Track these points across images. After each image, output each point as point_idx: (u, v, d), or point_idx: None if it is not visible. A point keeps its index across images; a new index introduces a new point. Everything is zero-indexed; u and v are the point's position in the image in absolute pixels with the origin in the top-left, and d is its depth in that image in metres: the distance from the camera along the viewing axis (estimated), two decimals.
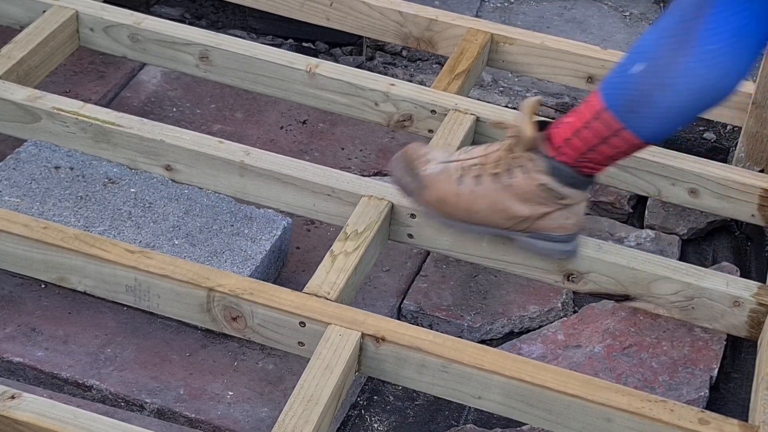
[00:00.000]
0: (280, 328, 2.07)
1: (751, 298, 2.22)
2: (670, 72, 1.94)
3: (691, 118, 2.03)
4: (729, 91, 1.97)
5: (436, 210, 2.19)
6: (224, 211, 2.36)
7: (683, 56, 1.92)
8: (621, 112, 2.00)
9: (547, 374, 2.00)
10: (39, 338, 2.20)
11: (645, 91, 1.97)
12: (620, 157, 2.09)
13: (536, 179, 2.12)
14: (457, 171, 2.17)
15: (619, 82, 2.02)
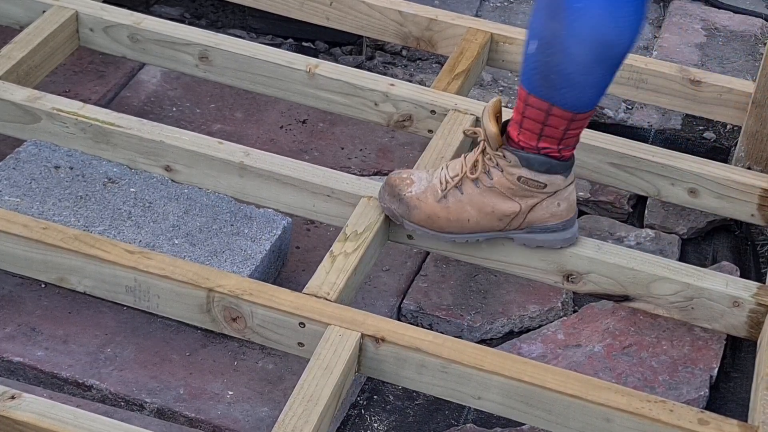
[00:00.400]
0: (279, 328, 2.07)
1: (750, 298, 2.22)
2: (555, 40, 2.01)
3: (602, 75, 2.05)
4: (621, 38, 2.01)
5: (428, 228, 2.22)
6: (224, 210, 2.36)
7: (560, 22, 1.99)
8: (540, 91, 2.07)
9: (546, 374, 2.00)
10: (39, 338, 2.20)
11: (548, 65, 2.04)
12: (574, 133, 2.13)
13: (513, 173, 2.16)
14: (441, 185, 2.21)
15: (527, 65, 2.08)
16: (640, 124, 3.01)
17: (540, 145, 2.13)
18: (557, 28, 2.01)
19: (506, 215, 2.20)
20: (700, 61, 3.20)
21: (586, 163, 2.52)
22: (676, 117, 3.04)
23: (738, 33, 3.36)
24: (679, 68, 2.76)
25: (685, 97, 2.75)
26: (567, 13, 1.99)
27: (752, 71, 3.16)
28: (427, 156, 2.42)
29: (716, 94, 2.73)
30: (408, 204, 2.21)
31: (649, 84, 2.75)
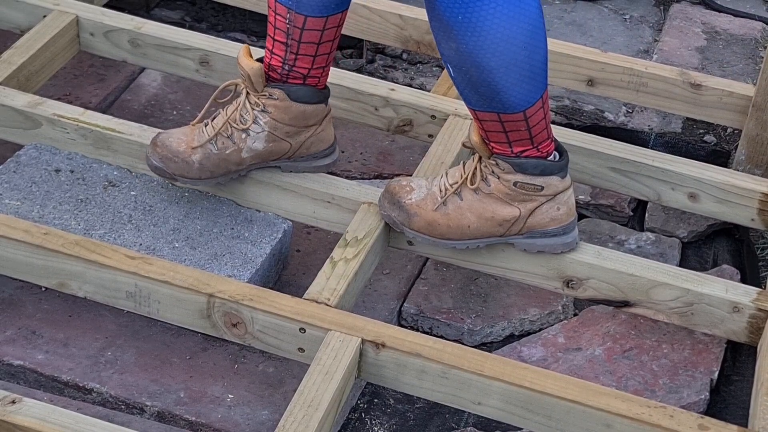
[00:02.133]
0: (280, 334, 2.07)
1: (750, 303, 2.22)
2: (461, 57, 2.03)
3: (524, 65, 2.04)
4: (518, 26, 1.99)
5: (428, 235, 2.23)
6: (224, 214, 2.36)
7: (454, 40, 2.02)
8: (482, 105, 2.09)
9: (547, 380, 2.00)
10: (39, 341, 2.20)
11: (471, 81, 2.06)
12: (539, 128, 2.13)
13: (509, 179, 2.17)
14: (441, 192, 2.22)
15: (458, 87, 2.11)
16: (641, 127, 3.01)
17: (516, 151, 2.15)
18: (457, 47, 2.02)
19: (506, 220, 2.20)
20: (701, 65, 3.20)
21: (586, 167, 2.52)
22: (676, 120, 3.04)
23: (738, 36, 3.36)
24: (680, 72, 2.76)
25: (686, 101, 2.75)
26: (455, 30, 2.00)
27: (753, 74, 3.16)
28: (428, 161, 2.42)
29: (717, 97, 2.73)
30: (408, 211, 2.22)
31: (649, 87, 2.76)
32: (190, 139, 2.28)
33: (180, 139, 2.28)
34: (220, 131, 2.27)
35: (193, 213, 2.36)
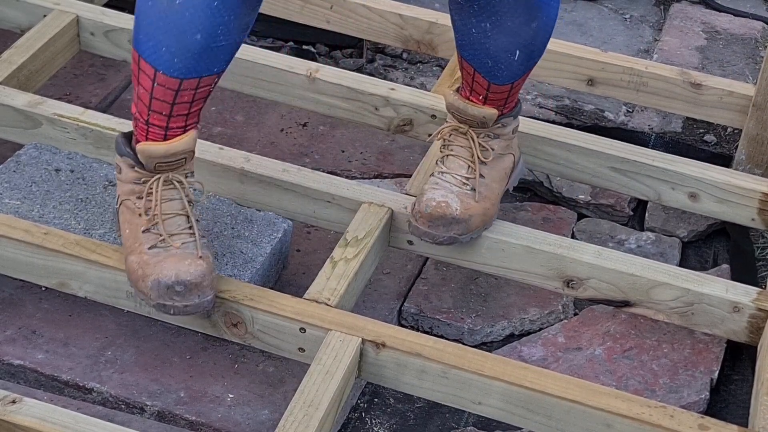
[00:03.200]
0: (280, 334, 2.07)
1: (750, 303, 2.22)
2: (545, 26, 2.15)
3: None
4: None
5: (484, 227, 2.29)
6: (224, 213, 2.36)
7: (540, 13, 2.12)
8: (519, 75, 2.21)
9: (547, 380, 2.00)
10: (39, 341, 2.20)
11: (536, 53, 2.18)
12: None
13: (507, 131, 2.30)
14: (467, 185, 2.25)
15: (515, 66, 2.18)
16: (641, 127, 3.01)
17: (512, 102, 2.28)
18: (537, 25, 2.12)
19: (509, 168, 2.34)
20: (701, 64, 3.20)
21: (586, 167, 2.52)
22: (676, 120, 3.04)
23: (738, 36, 3.36)
24: (680, 71, 2.76)
25: (686, 100, 2.75)
26: (542, 8, 2.10)
27: (753, 74, 3.16)
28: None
29: (717, 97, 2.73)
30: (463, 220, 2.22)
31: (649, 87, 2.76)
32: None
33: None
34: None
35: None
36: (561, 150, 2.52)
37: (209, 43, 1.95)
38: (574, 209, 2.75)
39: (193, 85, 1.99)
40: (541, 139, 2.52)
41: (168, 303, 2.01)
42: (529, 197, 2.81)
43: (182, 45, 1.93)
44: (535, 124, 2.57)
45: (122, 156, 2.07)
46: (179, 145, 2.03)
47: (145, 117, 2.02)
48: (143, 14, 1.94)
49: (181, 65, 1.95)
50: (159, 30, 1.92)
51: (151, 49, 1.95)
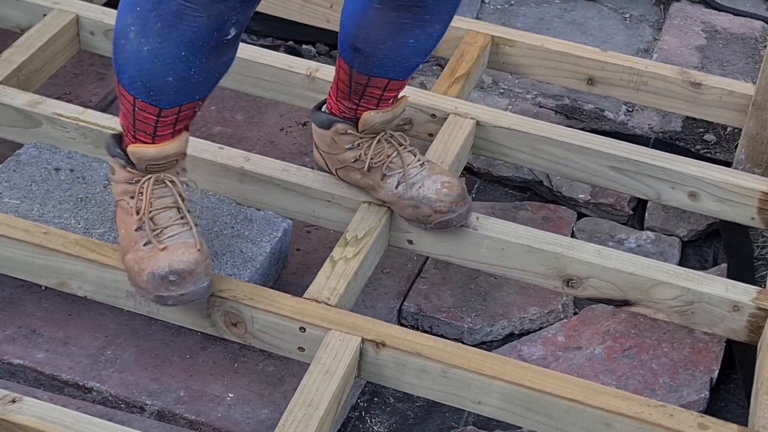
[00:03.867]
0: (280, 333, 2.07)
1: (750, 302, 2.22)
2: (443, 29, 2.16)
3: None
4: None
5: None
6: (224, 213, 2.36)
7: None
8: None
9: (546, 379, 2.00)
10: (39, 340, 2.20)
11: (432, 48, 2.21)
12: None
13: None
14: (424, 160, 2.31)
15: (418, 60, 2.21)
16: (641, 126, 3.01)
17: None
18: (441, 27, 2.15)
19: None
20: (701, 64, 3.20)
21: (586, 166, 2.52)
22: (676, 120, 3.04)
23: (738, 35, 3.36)
24: (680, 71, 2.77)
25: (686, 100, 2.75)
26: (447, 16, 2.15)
27: (752, 74, 3.17)
28: None
29: (717, 96, 2.74)
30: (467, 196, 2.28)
31: (649, 86, 2.76)
32: None
33: None
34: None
35: (192, 212, 2.35)
36: (561, 149, 2.52)
37: (183, 82, 1.96)
38: (574, 208, 2.75)
39: (174, 112, 2.01)
40: (541, 139, 2.52)
41: (165, 294, 2.02)
42: (529, 196, 2.81)
43: (156, 85, 1.95)
44: (535, 123, 2.57)
45: (114, 157, 2.09)
46: (170, 148, 2.05)
47: (131, 132, 2.05)
48: (118, 49, 1.96)
49: (158, 98, 1.98)
50: (133, 67, 1.95)
51: (128, 80, 1.97)
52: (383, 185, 2.26)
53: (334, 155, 2.30)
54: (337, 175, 2.33)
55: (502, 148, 2.56)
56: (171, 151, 2.05)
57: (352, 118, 2.25)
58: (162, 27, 1.88)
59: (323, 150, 2.32)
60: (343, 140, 2.27)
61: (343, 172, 2.31)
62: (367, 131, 2.24)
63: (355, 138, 2.26)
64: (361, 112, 2.23)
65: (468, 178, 2.80)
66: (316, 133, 2.32)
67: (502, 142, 2.55)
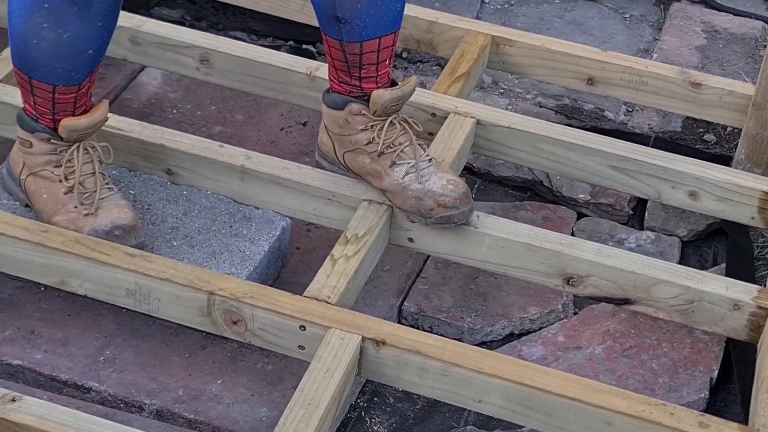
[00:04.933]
0: (280, 331, 2.07)
1: (750, 301, 2.22)
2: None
3: None
4: None
5: None
6: (223, 212, 2.36)
7: None
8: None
9: (547, 378, 2.00)
10: (38, 341, 2.20)
11: None
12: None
13: None
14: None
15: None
16: (641, 126, 3.01)
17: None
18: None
19: None
20: (701, 64, 3.20)
21: (586, 165, 2.52)
22: (676, 120, 3.04)
23: (738, 35, 3.36)
24: (680, 71, 2.77)
25: (686, 100, 2.75)
26: None
27: (752, 74, 3.16)
28: None
29: (717, 96, 2.74)
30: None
31: (649, 86, 2.76)
32: None
33: None
34: None
35: (191, 211, 2.36)
36: (561, 148, 2.52)
37: (98, 50, 2.15)
38: (574, 208, 2.75)
39: (89, 80, 2.18)
40: (541, 138, 2.52)
41: None
42: (529, 196, 2.81)
43: (77, 63, 2.13)
44: (536, 122, 2.57)
45: (34, 132, 2.22)
46: (99, 115, 2.22)
47: (50, 116, 2.20)
48: (29, 50, 2.11)
49: (78, 74, 2.16)
50: (51, 59, 2.12)
51: (45, 72, 2.13)
52: (390, 173, 2.26)
53: (346, 137, 2.29)
54: (344, 161, 2.33)
55: (503, 147, 2.56)
56: (98, 119, 2.21)
57: (362, 97, 2.26)
58: (78, 9, 2.06)
59: (334, 132, 2.32)
60: (357, 121, 2.27)
61: (351, 156, 2.31)
62: (379, 112, 2.25)
63: (369, 120, 2.26)
64: (367, 86, 2.24)
65: (468, 178, 2.80)
66: (329, 115, 2.32)
67: (503, 141, 2.55)
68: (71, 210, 2.20)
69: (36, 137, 2.22)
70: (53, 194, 2.21)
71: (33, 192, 2.24)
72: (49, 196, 2.21)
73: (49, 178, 2.22)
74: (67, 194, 2.21)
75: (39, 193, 2.23)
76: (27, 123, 2.22)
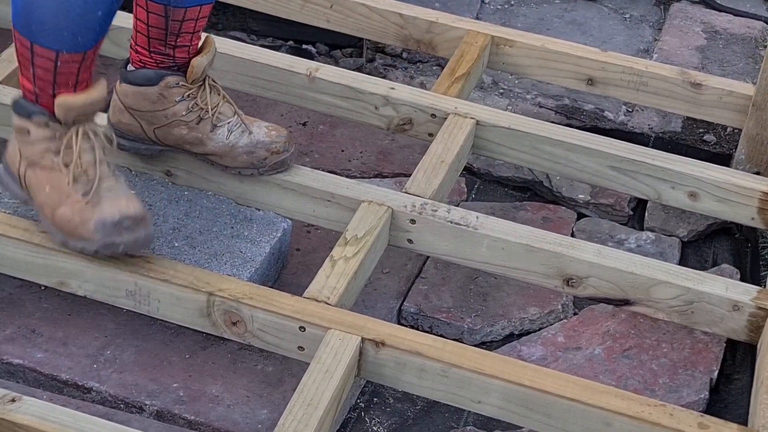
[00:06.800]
0: (280, 332, 2.07)
1: (750, 302, 2.22)
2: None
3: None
4: None
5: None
6: (224, 212, 2.36)
7: None
8: None
9: (546, 378, 2.00)
10: (39, 340, 2.20)
11: None
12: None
13: None
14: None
15: None
16: (641, 127, 3.01)
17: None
18: None
19: None
20: (701, 64, 3.20)
21: (586, 166, 2.52)
22: (676, 120, 3.04)
23: (738, 36, 3.36)
24: (680, 71, 2.77)
25: (686, 100, 2.75)
26: None
27: (753, 74, 3.16)
28: (428, 160, 2.42)
29: (717, 96, 2.74)
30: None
31: (649, 87, 2.76)
32: None
33: None
34: None
35: (192, 212, 2.36)
36: (561, 149, 2.52)
37: (109, 12, 2.01)
38: (574, 209, 2.75)
39: (94, 50, 2.05)
40: (540, 138, 2.52)
41: (117, 240, 2.05)
42: (528, 197, 2.81)
43: (85, 25, 1.98)
44: (535, 122, 2.57)
45: (31, 115, 2.09)
46: (97, 93, 2.07)
47: (50, 91, 2.06)
48: (34, 8, 1.97)
49: (84, 40, 2.01)
50: (58, 17, 1.97)
51: (49, 34, 1.98)
52: (213, 136, 2.27)
53: (160, 112, 2.26)
54: (155, 137, 2.29)
55: (502, 147, 2.56)
56: (96, 97, 2.07)
57: (175, 68, 2.25)
58: None
59: (144, 110, 2.27)
60: (174, 93, 2.25)
61: (165, 131, 2.28)
62: (197, 79, 2.25)
63: (186, 89, 2.25)
64: (180, 56, 2.24)
65: (468, 178, 2.80)
66: (135, 93, 2.26)
67: (502, 142, 2.55)
68: (78, 199, 2.07)
69: (33, 123, 2.08)
70: (56, 185, 2.09)
71: (34, 185, 2.12)
72: (52, 188, 2.08)
73: (50, 167, 2.10)
74: (72, 183, 2.08)
75: (40, 186, 2.11)
76: (24, 107, 2.10)
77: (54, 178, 2.09)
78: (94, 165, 2.09)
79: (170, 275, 2.10)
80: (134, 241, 2.07)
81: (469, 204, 2.70)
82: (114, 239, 2.06)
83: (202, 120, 2.26)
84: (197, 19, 2.21)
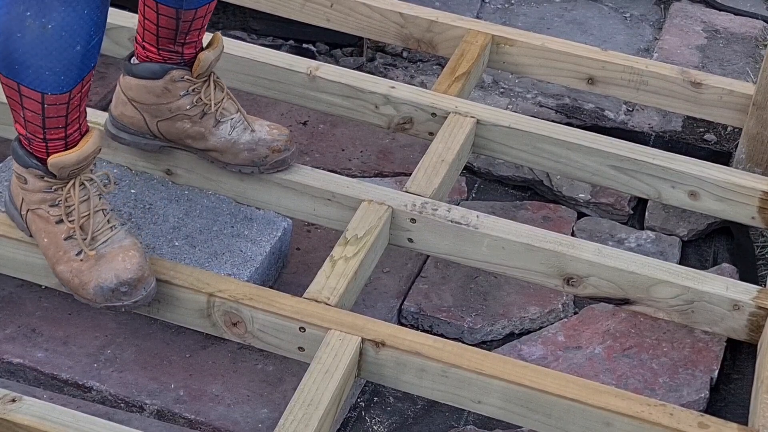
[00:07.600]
0: (280, 333, 2.07)
1: (750, 301, 2.22)
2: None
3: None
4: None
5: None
6: (224, 212, 2.36)
7: None
8: None
9: (546, 378, 2.00)
10: (39, 339, 2.20)
11: None
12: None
13: None
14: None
15: None
16: (641, 126, 3.01)
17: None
18: None
19: None
20: (701, 63, 3.20)
21: (586, 165, 2.52)
22: (676, 119, 3.04)
23: (738, 35, 3.36)
24: (680, 70, 2.76)
25: (686, 99, 2.75)
26: None
27: (753, 73, 3.16)
28: (428, 159, 2.42)
29: (717, 96, 2.74)
30: None
31: (649, 86, 2.76)
32: None
33: None
34: None
35: (192, 211, 2.36)
36: (561, 148, 2.52)
37: (86, 47, 1.96)
38: (575, 208, 2.75)
39: (79, 90, 2.02)
40: (541, 138, 2.52)
41: (117, 304, 2.05)
42: (529, 196, 2.81)
43: (65, 62, 1.95)
44: (536, 122, 2.57)
45: (28, 167, 2.07)
46: (89, 148, 2.06)
47: (41, 136, 2.03)
48: (14, 45, 1.93)
49: (67, 79, 1.97)
50: (37, 56, 1.93)
51: (32, 76, 1.95)
52: (215, 132, 2.28)
53: (164, 105, 2.26)
54: (158, 130, 2.30)
55: (503, 146, 2.56)
56: (91, 150, 2.06)
57: (181, 63, 2.25)
58: None
59: (148, 102, 2.27)
60: (178, 87, 2.25)
61: (168, 124, 2.28)
62: (203, 74, 2.25)
63: (191, 83, 2.25)
64: (188, 52, 2.24)
65: (468, 178, 2.80)
66: (140, 86, 2.26)
67: (503, 141, 2.55)
68: (73, 259, 2.06)
69: (30, 173, 2.06)
70: (53, 239, 2.07)
71: (34, 231, 2.11)
72: (50, 242, 2.08)
73: (46, 218, 2.07)
74: (67, 240, 2.06)
75: (39, 234, 2.10)
76: (21, 157, 2.07)
77: (50, 231, 2.08)
78: (89, 218, 2.07)
79: (170, 276, 2.10)
80: (135, 303, 2.06)
81: (470, 203, 2.70)
82: (114, 303, 2.05)
83: (205, 115, 2.27)
84: (204, 17, 2.22)
